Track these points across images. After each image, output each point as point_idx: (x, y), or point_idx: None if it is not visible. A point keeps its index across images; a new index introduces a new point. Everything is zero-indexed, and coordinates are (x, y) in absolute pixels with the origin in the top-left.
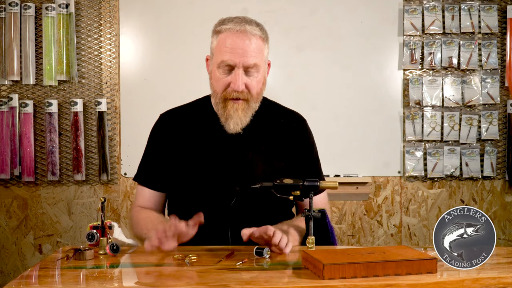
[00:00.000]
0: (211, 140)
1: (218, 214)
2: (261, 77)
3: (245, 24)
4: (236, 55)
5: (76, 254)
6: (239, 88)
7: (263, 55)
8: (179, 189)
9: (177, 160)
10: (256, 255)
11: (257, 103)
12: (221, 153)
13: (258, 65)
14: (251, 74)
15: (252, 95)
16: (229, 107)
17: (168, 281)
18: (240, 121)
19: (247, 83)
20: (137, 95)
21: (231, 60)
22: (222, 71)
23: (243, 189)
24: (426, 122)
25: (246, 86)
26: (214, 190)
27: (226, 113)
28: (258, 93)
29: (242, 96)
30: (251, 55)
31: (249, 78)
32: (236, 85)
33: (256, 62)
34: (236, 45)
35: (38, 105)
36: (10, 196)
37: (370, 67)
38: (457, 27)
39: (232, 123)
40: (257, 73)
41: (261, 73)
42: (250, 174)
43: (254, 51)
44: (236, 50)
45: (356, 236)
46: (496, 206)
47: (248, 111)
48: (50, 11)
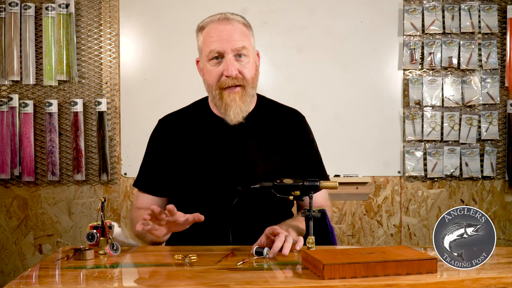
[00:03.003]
0: (211, 141)
1: (219, 213)
2: (253, 62)
3: (226, 13)
4: (223, 41)
5: (76, 254)
6: (232, 73)
7: (250, 40)
8: (180, 191)
9: (178, 163)
10: (256, 255)
11: (254, 89)
12: (221, 152)
13: (246, 47)
14: (242, 59)
15: (247, 80)
16: (226, 97)
17: (168, 281)
18: (240, 109)
19: (240, 68)
20: (137, 95)
21: (220, 47)
22: (212, 63)
23: (244, 188)
24: (426, 122)
25: (239, 71)
26: (215, 189)
27: (224, 104)
28: (253, 78)
29: (238, 82)
30: (238, 38)
31: (240, 63)
32: (230, 70)
33: (244, 45)
34: (220, 32)
35: (38, 105)
36: (10, 196)
37: (370, 67)
38: (457, 27)
39: (232, 112)
40: (247, 57)
41: (252, 58)
42: (251, 173)
43: (239, 35)
44: (222, 36)
45: (356, 236)
46: (496, 206)
47: (246, 97)
48: (50, 11)
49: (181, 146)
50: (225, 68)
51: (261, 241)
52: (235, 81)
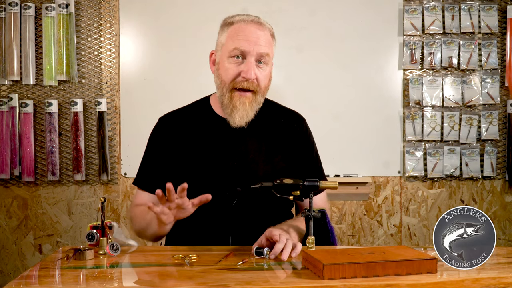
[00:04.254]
0: (211, 141)
1: (219, 214)
2: (269, 71)
3: (259, 17)
4: (251, 42)
5: (76, 254)
6: (251, 76)
7: (272, 49)
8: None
9: (177, 163)
10: (256, 255)
11: (263, 98)
12: (221, 153)
13: (269, 56)
14: (261, 66)
15: (261, 87)
16: (236, 99)
17: (168, 281)
18: (246, 114)
19: (257, 74)
20: (137, 95)
21: (245, 47)
22: (232, 61)
23: (244, 189)
24: (426, 122)
25: (257, 77)
26: (215, 190)
27: (232, 105)
28: (266, 87)
29: (252, 87)
30: (264, 44)
31: (259, 70)
32: (249, 73)
33: (268, 52)
34: (250, 33)
35: (38, 105)
36: (10, 196)
37: (370, 67)
38: (457, 27)
39: (238, 116)
40: (266, 66)
41: (270, 67)
42: (251, 175)
43: (266, 42)
44: (250, 37)
45: (356, 236)
46: (496, 206)
47: (255, 105)
48: (50, 11)
49: (181, 145)
50: (245, 70)
51: (261, 241)
52: (250, 85)
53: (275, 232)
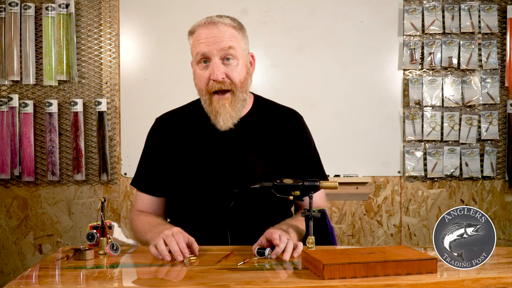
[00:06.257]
0: (206, 141)
1: (217, 215)
2: (242, 65)
3: (214, 17)
4: (209, 43)
5: (76, 254)
6: (218, 77)
7: (239, 41)
8: (178, 192)
9: (174, 164)
10: (258, 255)
11: (244, 93)
12: (218, 154)
13: (233, 47)
14: (230, 63)
15: (236, 84)
16: (215, 103)
17: (168, 281)
18: (229, 115)
19: (227, 71)
20: (137, 95)
21: (206, 48)
22: (201, 67)
23: (242, 190)
24: (426, 122)
25: (227, 75)
26: (213, 191)
27: (213, 110)
28: (242, 82)
29: (225, 87)
30: (223, 39)
31: (228, 67)
32: (215, 74)
33: (232, 45)
34: (207, 34)
35: (38, 105)
36: (10, 196)
37: (370, 67)
38: (457, 27)
39: (222, 119)
40: (235, 60)
41: (242, 61)
42: (249, 175)
43: (226, 37)
44: (208, 39)
45: (356, 236)
46: (496, 206)
47: (236, 103)
48: (50, 11)
49: (178, 145)
50: (212, 72)
51: (261, 242)
52: (222, 85)
53: (275, 235)
